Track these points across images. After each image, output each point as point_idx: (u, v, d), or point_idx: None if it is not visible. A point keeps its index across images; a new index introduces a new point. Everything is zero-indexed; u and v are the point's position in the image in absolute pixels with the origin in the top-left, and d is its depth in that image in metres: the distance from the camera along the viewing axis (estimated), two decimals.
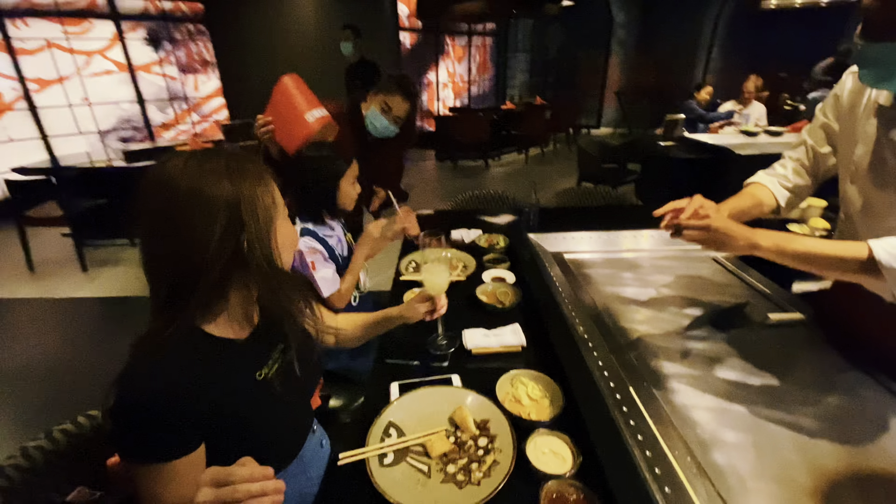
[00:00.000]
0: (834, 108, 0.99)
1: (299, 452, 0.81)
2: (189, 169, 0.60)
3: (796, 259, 0.85)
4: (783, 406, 0.89)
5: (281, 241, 0.69)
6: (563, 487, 0.71)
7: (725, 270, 1.47)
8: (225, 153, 0.65)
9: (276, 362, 0.76)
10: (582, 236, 1.63)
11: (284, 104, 1.48)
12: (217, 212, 0.60)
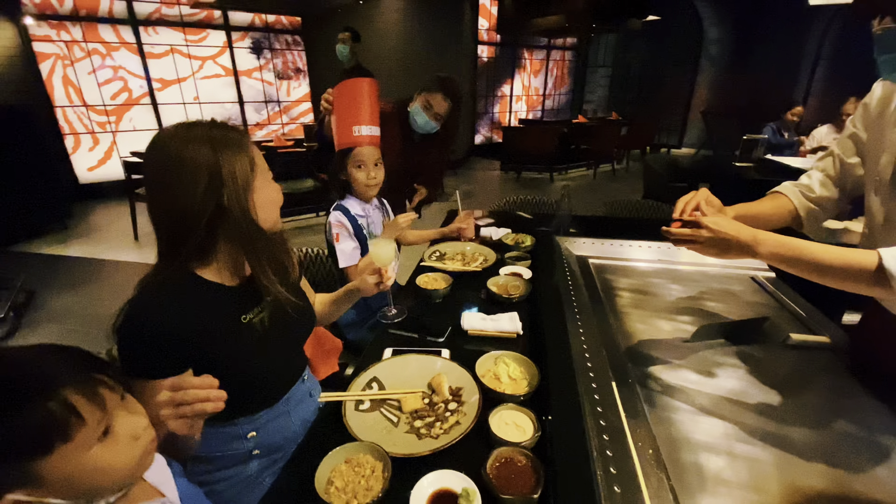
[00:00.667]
0: (863, 117, 0.93)
1: (285, 396, 0.92)
2: (178, 136, 0.73)
3: (800, 267, 0.81)
4: (778, 422, 0.84)
5: (260, 200, 0.78)
6: (513, 454, 0.74)
7: (762, 290, 1.38)
8: (210, 123, 0.76)
9: (264, 311, 0.86)
10: (612, 244, 1.61)
11: (348, 104, 1.50)
12: (199, 172, 0.71)
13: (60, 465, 0.45)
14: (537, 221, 2.06)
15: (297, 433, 0.94)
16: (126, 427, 0.51)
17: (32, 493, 0.44)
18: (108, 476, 0.49)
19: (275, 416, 0.90)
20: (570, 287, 1.26)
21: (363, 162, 1.44)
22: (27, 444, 0.43)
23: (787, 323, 1.19)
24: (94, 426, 0.47)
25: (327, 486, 0.68)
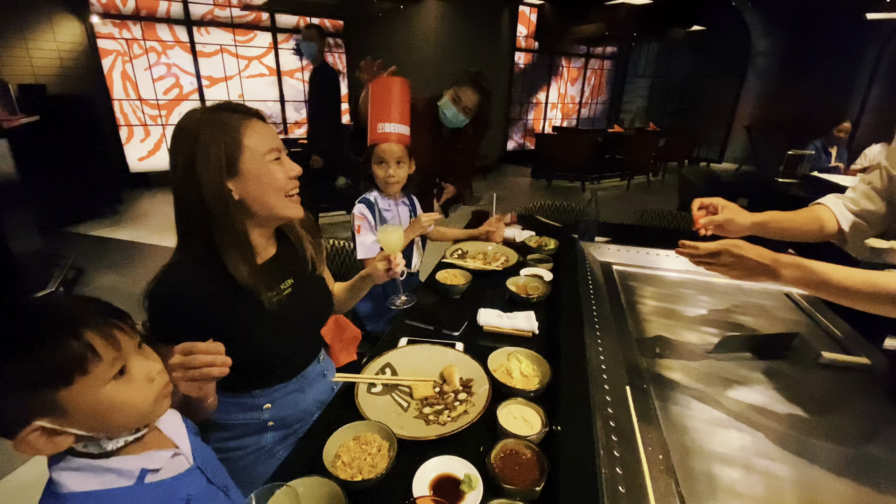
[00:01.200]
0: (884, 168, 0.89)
1: (300, 374, 0.95)
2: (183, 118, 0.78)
3: (827, 292, 0.78)
4: (801, 440, 0.80)
5: (251, 184, 0.78)
6: (518, 446, 0.74)
7: (796, 307, 1.32)
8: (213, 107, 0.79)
9: (284, 292, 0.88)
10: (639, 251, 1.58)
11: (381, 101, 1.50)
12: (180, 153, 0.75)
13: (79, 396, 0.49)
14: (565, 229, 2.04)
15: (311, 411, 0.98)
16: (141, 370, 0.55)
17: (56, 421, 0.48)
18: (124, 413, 0.53)
19: (289, 392, 0.94)
20: (590, 291, 1.25)
21: (384, 159, 1.47)
22: (51, 375, 0.47)
23: (820, 342, 1.13)
24: (110, 363, 0.51)
25: (335, 459, 0.70)
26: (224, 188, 0.76)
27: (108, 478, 0.53)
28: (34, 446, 0.48)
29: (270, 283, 0.85)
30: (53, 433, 0.48)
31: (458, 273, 1.43)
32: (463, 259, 1.58)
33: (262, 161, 0.79)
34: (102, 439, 0.53)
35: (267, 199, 0.81)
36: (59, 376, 0.47)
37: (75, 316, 0.50)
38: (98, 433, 0.52)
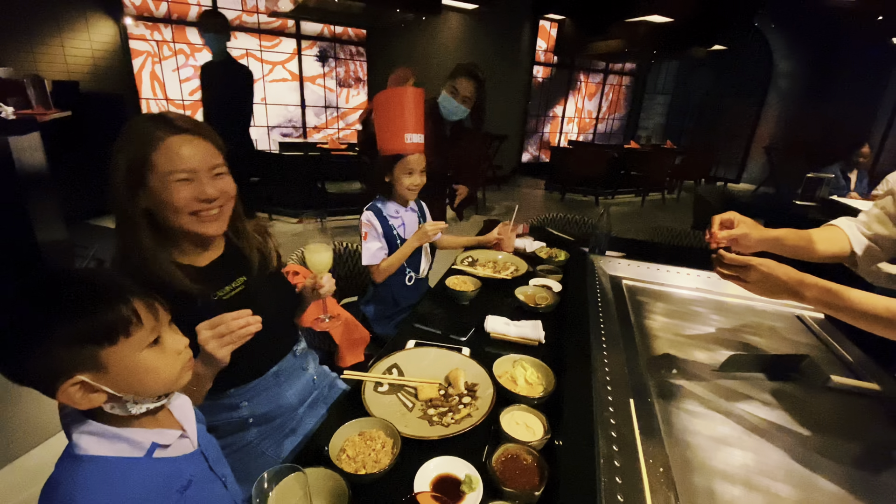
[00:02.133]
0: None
1: (273, 368, 0.97)
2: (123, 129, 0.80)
3: (847, 314, 0.79)
4: (805, 461, 0.80)
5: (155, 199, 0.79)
6: (520, 451, 0.75)
7: (807, 329, 1.31)
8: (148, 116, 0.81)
9: (237, 289, 0.91)
10: (649, 267, 1.58)
11: (396, 111, 1.50)
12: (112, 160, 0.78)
13: (120, 357, 0.55)
14: (576, 242, 2.05)
15: (292, 404, 1.00)
16: (172, 342, 0.61)
17: (95, 377, 0.53)
18: (154, 378, 0.58)
19: (265, 388, 0.95)
20: (598, 304, 1.25)
21: (412, 169, 1.51)
22: (100, 333, 0.53)
23: (830, 365, 1.12)
24: (149, 331, 0.57)
25: (340, 453, 0.72)
26: (128, 198, 0.78)
27: (122, 446, 0.57)
28: (72, 398, 0.53)
29: (217, 282, 0.88)
30: (90, 389, 0.53)
31: (467, 280, 1.45)
32: (473, 267, 1.60)
33: (164, 180, 0.78)
34: (129, 402, 0.57)
35: (167, 217, 0.81)
36: (106, 334, 0.53)
37: (125, 286, 0.57)
38: (127, 394, 0.56)
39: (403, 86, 1.62)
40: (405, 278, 1.59)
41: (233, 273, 0.93)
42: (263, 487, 0.55)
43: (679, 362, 1.08)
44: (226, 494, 0.69)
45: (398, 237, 1.56)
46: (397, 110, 1.50)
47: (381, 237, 1.51)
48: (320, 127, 6.82)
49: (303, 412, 1.02)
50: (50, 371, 0.52)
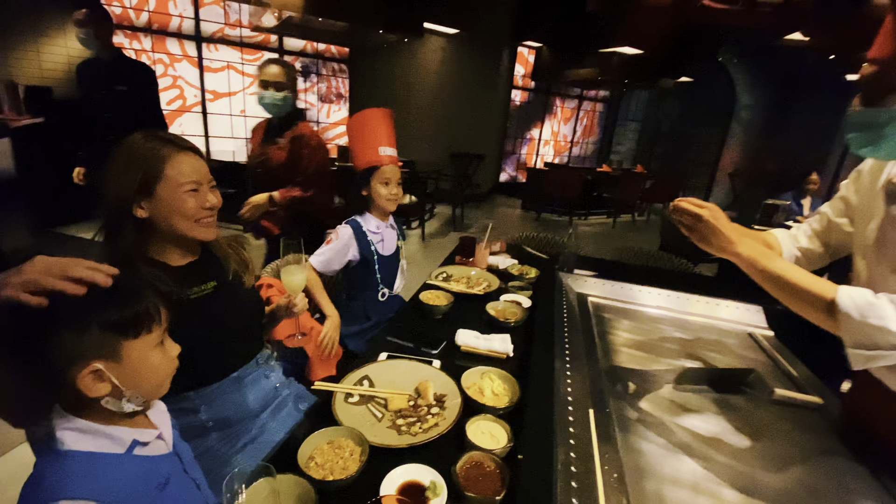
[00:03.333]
0: (855, 181, 0.99)
1: (233, 374, 1.00)
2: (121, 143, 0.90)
3: (768, 280, 0.85)
4: (748, 468, 0.86)
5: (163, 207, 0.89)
6: (484, 458, 0.79)
7: (757, 346, 1.39)
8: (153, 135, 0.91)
9: (205, 291, 0.96)
10: (614, 285, 1.65)
11: (371, 128, 1.58)
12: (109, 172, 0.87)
13: (134, 351, 0.60)
14: (550, 260, 2.12)
15: (254, 410, 1.02)
16: (170, 346, 0.67)
17: (108, 366, 0.57)
18: (153, 377, 0.63)
19: (224, 392, 0.98)
20: (564, 319, 1.31)
21: (388, 179, 1.56)
22: (129, 325, 0.59)
23: (775, 379, 1.20)
24: (161, 333, 0.63)
25: (308, 460, 0.74)
26: (128, 206, 0.87)
27: (104, 442, 0.59)
28: (84, 383, 0.56)
29: (188, 282, 0.94)
30: (100, 378, 0.57)
31: (441, 295, 1.49)
32: (447, 282, 1.64)
33: (176, 190, 0.90)
34: (124, 399, 0.61)
35: (174, 222, 0.91)
36: (132, 327, 0.59)
37: (150, 285, 0.62)
38: (128, 387, 0.60)
39: None
40: (378, 294, 1.61)
41: (204, 277, 0.98)
42: (234, 487, 0.57)
43: (638, 375, 1.14)
44: (199, 496, 0.71)
45: (376, 252, 1.57)
46: (370, 126, 1.58)
47: (343, 252, 1.53)
48: None
49: (265, 418, 1.03)
50: (72, 355, 0.55)
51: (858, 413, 1.00)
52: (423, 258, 4.41)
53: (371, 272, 1.58)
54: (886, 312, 0.71)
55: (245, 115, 6.16)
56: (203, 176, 0.94)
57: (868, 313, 0.72)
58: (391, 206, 1.61)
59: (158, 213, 0.90)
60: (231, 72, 5.85)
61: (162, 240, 0.93)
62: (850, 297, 0.74)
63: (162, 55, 5.32)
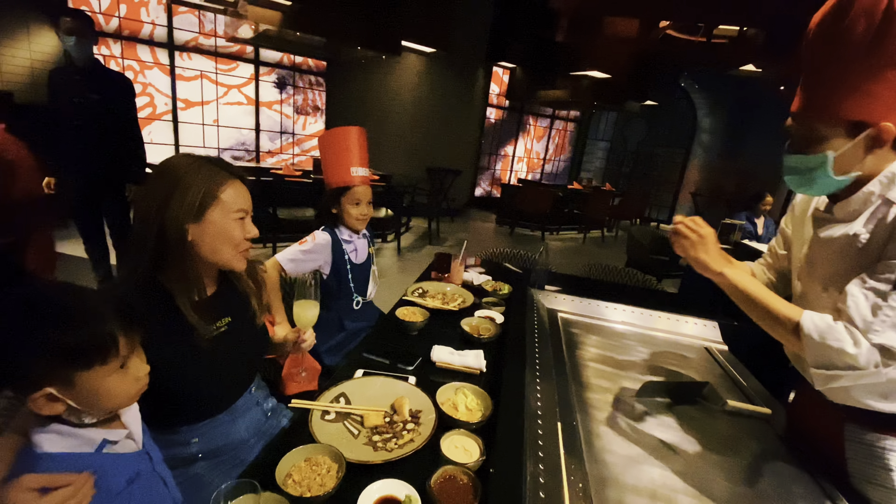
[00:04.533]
0: (790, 215, 1.10)
1: (231, 406, 0.98)
2: (172, 160, 0.88)
3: (744, 301, 0.93)
4: (701, 475, 0.92)
5: (209, 233, 0.86)
6: (457, 472, 0.82)
7: (713, 360, 1.49)
8: (207, 158, 0.89)
9: (220, 329, 0.93)
10: (582, 301, 1.73)
11: (342, 147, 1.59)
12: (159, 190, 0.83)
13: (90, 379, 0.59)
14: (524, 275, 2.18)
15: (244, 437, 1.00)
16: (135, 368, 0.65)
17: (62, 391, 0.58)
18: (111, 400, 0.63)
19: (218, 425, 0.96)
20: (535, 335, 1.37)
21: (359, 199, 1.58)
22: (78, 357, 0.58)
23: (728, 391, 1.28)
24: (120, 359, 0.62)
25: (286, 478, 0.75)
26: (183, 229, 0.84)
27: (75, 442, 0.62)
28: (38, 405, 0.57)
29: (207, 318, 0.90)
30: (55, 399, 0.58)
31: (416, 311, 1.52)
32: (423, 298, 1.68)
33: (228, 217, 0.88)
34: (84, 414, 0.61)
35: (219, 249, 0.89)
36: (84, 359, 0.58)
37: (111, 312, 0.60)
38: (85, 409, 0.61)
39: None
40: (352, 302, 1.64)
41: (221, 312, 0.95)
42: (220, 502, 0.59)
43: (603, 389, 1.20)
44: (167, 493, 0.73)
45: (349, 262, 1.61)
46: (343, 145, 1.60)
47: (314, 257, 1.55)
48: (274, 152, 6.76)
49: (254, 443, 1.02)
50: (24, 380, 0.56)
51: (801, 422, 1.09)
52: (399, 271, 4.42)
53: (344, 281, 1.61)
54: (843, 336, 0.79)
55: (218, 124, 6.07)
56: (249, 205, 0.92)
57: (827, 336, 0.80)
58: (360, 226, 1.63)
59: (204, 239, 0.86)
60: (204, 81, 5.77)
61: (189, 270, 0.88)
62: (813, 320, 0.82)
63: (132, 62, 5.21)
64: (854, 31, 0.76)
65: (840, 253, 0.89)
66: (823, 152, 0.84)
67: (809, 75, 0.86)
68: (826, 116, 0.83)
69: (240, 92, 6.14)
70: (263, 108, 6.41)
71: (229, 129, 6.20)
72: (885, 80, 0.77)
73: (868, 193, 0.86)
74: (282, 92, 6.56)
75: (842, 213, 0.91)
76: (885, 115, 0.79)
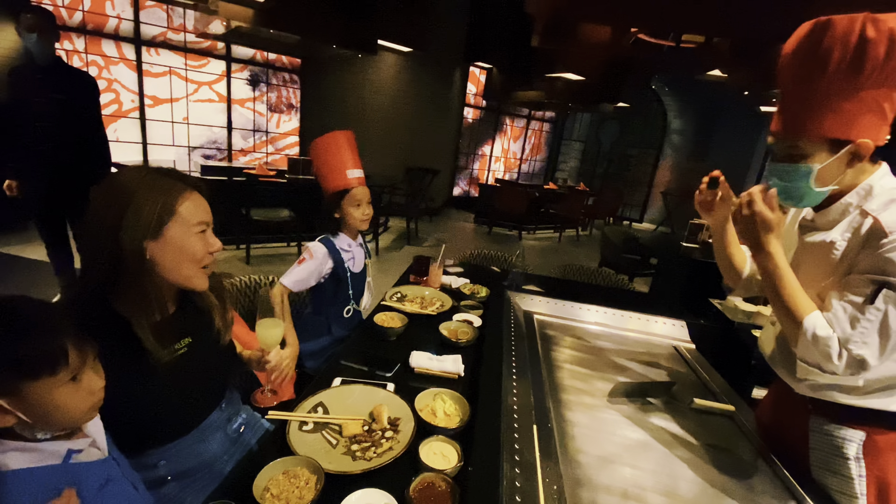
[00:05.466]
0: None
1: (199, 425, 0.95)
2: (122, 173, 0.82)
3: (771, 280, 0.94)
4: (669, 472, 0.96)
5: (169, 249, 0.81)
6: (436, 479, 0.83)
7: (681, 358, 1.55)
8: (158, 169, 0.83)
9: (178, 352, 0.88)
10: (557, 303, 1.77)
11: (335, 152, 1.61)
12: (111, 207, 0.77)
13: (38, 391, 0.58)
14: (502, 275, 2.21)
15: (216, 454, 0.98)
16: (89, 381, 0.64)
17: (9, 402, 0.57)
18: (63, 414, 0.62)
19: (187, 446, 0.93)
20: (512, 338, 1.39)
21: (360, 201, 1.60)
22: (25, 369, 0.57)
23: (695, 390, 1.34)
24: (70, 371, 0.61)
25: (264, 492, 0.75)
26: (142, 247, 0.79)
27: (39, 456, 0.61)
28: None
29: (165, 341, 0.85)
30: (4, 411, 0.57)
31: (395, 316, 1.52)
32: (401, 302, 1.68)
33: (188, 231, 0.83)
34: (36, 429, 0.61)
35: (180, 267, 0.84)
36: (31, 371, 0.57)
37: (62, 323, 0.59)
38: (36, 422, 0.60)
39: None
40: (344, 309, 1.64)
41: (180, 332, 0.91)
42: None
43: (577, 390, 1.24)
44: (138, 497, 0.73)
45: (349, 270, 1.62)
46: (334, 150, 1.61)
47: (317, 270, 1.55)
48: (247, 150, 6.61)
49: (227, 458, 1.00)
50: None
51: (770, 416, 1.15)
52: (378, 272, 4.39)
53: (342, 289, 1.62)
54: (833, 346, 0.84)
55: (188, 122, 5.89)
56: (209, 217, 0.87)
57: (819, 342, 0.85)
58: (364, 226, 1.65)
59: (164, 257, 0.81)
60: (174, 77, 5.59)
61: (148, 290, 0.82)
62: (814, 324, 0.86)
63: (97, 57, 5.00)
64: (830, 58, 0.83)
65: (820, 259, 0.96)
66: (808, 164, 0.90)
67: (788, 97, 0.92)
68: (808, 135, 0.89)
69: (211, 89, 5.97)
70: (236, 106, 6.26)
71: (200, 126, 6.03)
72: (861, 101, 0.83)
73: (846, 204, 0.93)
74: (255, 89, 6.41)
75: (822, 222, 0.98)
76: (862, 132, 0.85)
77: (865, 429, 0.94)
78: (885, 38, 0.79)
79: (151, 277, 0.83)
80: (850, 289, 0.86)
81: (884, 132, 0.87)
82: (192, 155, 6.05)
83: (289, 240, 4.89)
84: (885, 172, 0.93)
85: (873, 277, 0.83)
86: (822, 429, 0.99)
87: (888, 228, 0.83)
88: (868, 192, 0.91)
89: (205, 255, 0.87)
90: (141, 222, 0.78)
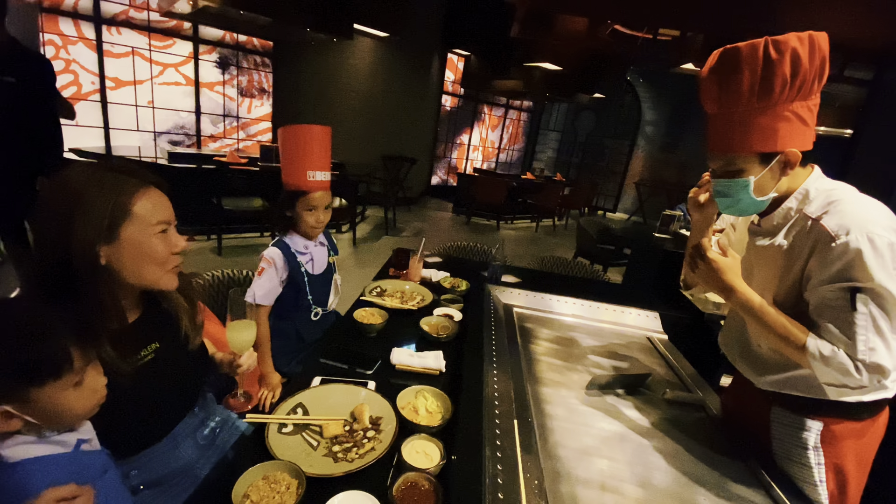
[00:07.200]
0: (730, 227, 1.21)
1: (170, 433, 0.90)
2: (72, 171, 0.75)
3: (754, 317, 0.98)
4: (644, 463, 1.00)
5: (127, 252, 0.76)
6: (419, 478, 0.84)
7: (654, 350, 1.60)
8: (108, 164, 0.77)
9: (145, 358, 0.84)
10: (535, 296, 1.79)
11: (301, 146, 1.47)
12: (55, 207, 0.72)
13: (45, 395, 0.60)
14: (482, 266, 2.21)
15: (190, 460, 0.94)
16: (92, 381, 0.66)
17: (17, 408, 0.59)
18: (70, 414, 0.64)
19: (158, 453, 0.89)
20: (492, 332, 1.40)
21: (315, 206, 1.48)
22: (31, 376, 0.58)
23: (669, 380, 1.39)
24: (75, 375, 0.62)
25: (243, 499, 0.73)
26: (95, 253, 0.74)
27: (51, 447, 0.63)
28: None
29: (128, 348, 0.81)
30: (10, 416, 0.59)
31: (375, 311, 1.51)
32: (381, 297, 1.67)
33: (147, 232, 0.78)
34: (44, 429, 0.63)
35: (141, 270, 0.79)
36: (36, 378, 0.58)
37: (65, 328, 0.60)
38: (44, 423, 0.62)
39: None
40: (310, 314, 1.56)
41: (147, 338, 0.86)
42: None
43: (556, 383, 1.26)
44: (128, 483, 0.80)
45: (306, 274, 1.51)
46: (300, 145, 1.46)
47: (279, 277, 1.45)
48: (217, 136, 6.38)
49: (203, 463, 0.97)
50: None
51: (733, 408, 1.20)
52: (356, 264, 4.35)
53: (302, 294, 1.52)
54: (846, 362, 0.85)
55: (153, 106, 5.62)
56: (170, 215, 0.81)
57: (831, 362, 0.87)
58: (314, 234, 1.53)
59: (122, 261, 0.76)
60: (137, 58, 5.30)
61: (105, 298, 0.77)
62: (818, 346, 0.89)
63: (53, 35, 4.68)
64: (742, 83, 0.88)
65: (771, 262, 1.01)
66: (745, 178, 0.95)
67: (715, 119, 0.96)
68: (738, 152, 0.94)
69: (177, 71, 5.70)
70: (204, 90, 6.00)
71: (166, 111, 5.76)
72: (780, 115, 0.89)
73: (787, 209, 0.99)
74: (224, 72, 6.16)
75: (768, 226, 1.03)
76: (788, 142, 0.90)
77: (823, 419, 0.99)
78: (787, 58, 0.84)
79: (108, 285, 0.77)
80: (828, 303, 0.89)
81: (809, 137, 0.93)
82: (158, 140, 5.78)
83: (262, 230, 4.78)
84: (818, 175, 0.98)
85: (842, 286, 0.86)
86: (783, 420, 1.05)
87: (833, 232, 0.87)
88: (805, 196, 0.96)
89: (168, 256, 0.82)
90: (91, 225, 0.72)
